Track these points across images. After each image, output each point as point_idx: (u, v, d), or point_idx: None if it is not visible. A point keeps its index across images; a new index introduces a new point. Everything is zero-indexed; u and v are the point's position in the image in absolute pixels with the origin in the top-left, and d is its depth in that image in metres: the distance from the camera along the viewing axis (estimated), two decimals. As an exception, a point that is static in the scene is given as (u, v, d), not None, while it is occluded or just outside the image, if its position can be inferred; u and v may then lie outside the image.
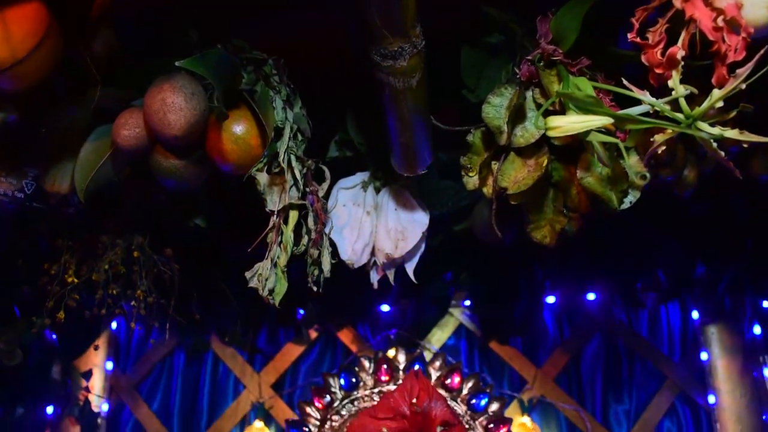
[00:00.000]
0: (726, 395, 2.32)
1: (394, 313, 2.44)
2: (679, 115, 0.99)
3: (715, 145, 1.03)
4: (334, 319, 2.38)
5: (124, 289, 1.69)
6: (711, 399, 2.33)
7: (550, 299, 2.43)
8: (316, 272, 1.25)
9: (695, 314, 2.43)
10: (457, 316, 2.44)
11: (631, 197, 1.22)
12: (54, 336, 2.37)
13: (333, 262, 1.26)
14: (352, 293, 2.26)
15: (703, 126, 0.98)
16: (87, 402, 2.36)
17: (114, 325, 2.51)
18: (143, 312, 1.65)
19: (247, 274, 1.21)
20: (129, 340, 2.55)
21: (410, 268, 1.48)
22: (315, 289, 1.24)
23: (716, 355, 2.37)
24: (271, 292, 1.19)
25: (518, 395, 2.34)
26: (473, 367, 2.39)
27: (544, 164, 1.17)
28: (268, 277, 1.17)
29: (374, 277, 1.49)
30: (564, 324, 2.47)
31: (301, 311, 2.38)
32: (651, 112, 1.02)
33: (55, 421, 2.41)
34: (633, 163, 1.21)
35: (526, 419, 2.26)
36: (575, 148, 1.20)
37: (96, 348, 1.78)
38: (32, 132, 1.38)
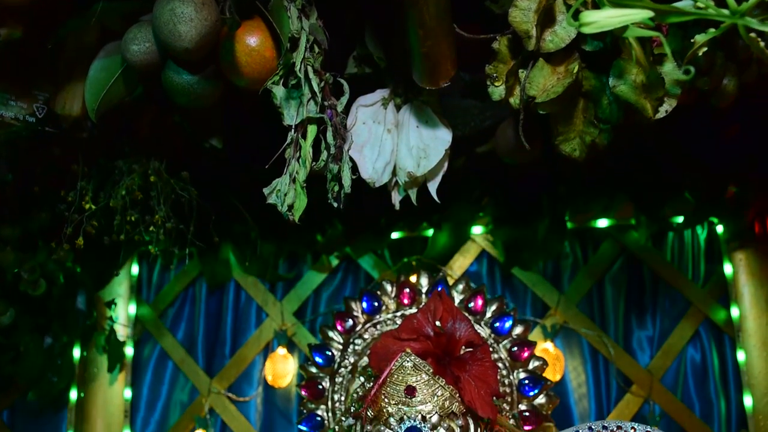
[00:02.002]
0: (752, 321, 2.28)
1: (415, 238, 2.41)
2: (725, 11, 0.92)
3: (762, 44, 0.96)
4: (355, 245, 2.36)
5: (142, 215, 1.68)
6: (736, 325, 2.29)
7: (574, 223, 2.38)
8: (336, 188, 1.21)
9: (723, 239, 2.37)
10: (479, 242, 2.40)
11: (667, 106, 1.15)
12: (77, 267, 2.39)
13: (353, 177, 1.22)
14: (373, 218, 2.23)
15: (751, 21, 0.91)
16: (112, 331, 2.38)
17: (136, 254, 2.52)
18: (162, 238, 1.64)
19: (266, 190, 1.17)
20: (151, 269, 2.56)
21: (433, 187, 1.43)
22: (336, 205, 1.21)
23: (743, 281, 2.32)
24: (291, 208, 1.15)
25: (541, 321, 2.32)
26: (495, 293, 2.37)
27: (575, 71, 1.11)
28: (287, 193, 1.14)
29: (396, 198, 1.45)
30: (587, 248, 2.43)
31: (321, 238, 2.36)
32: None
33: (82, 351, 2.45)
34: (670, 69, 1.14)
35: (548, 345, 2.25)
36: (607, 54, 1.13)
37: (116, 274, 1.78)
38: (39, 51, 1.34)
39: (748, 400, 2.23)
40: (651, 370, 2.31)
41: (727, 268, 2.33)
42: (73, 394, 2.45)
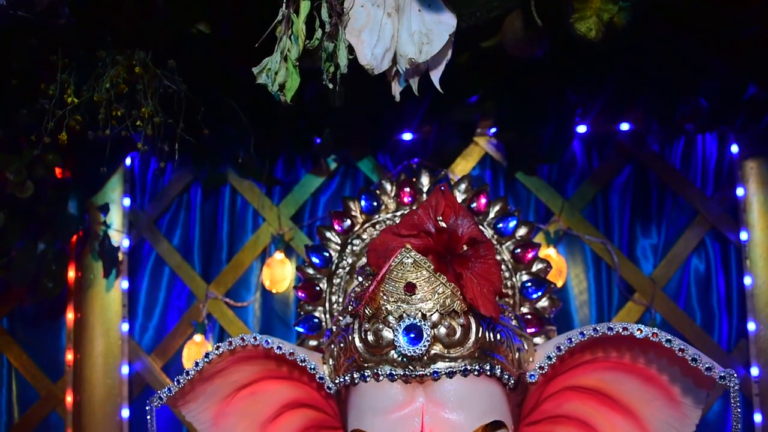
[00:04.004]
0: (759, 231, 2.25)
1: (416, 141, 2.33)
2: None
3: None
4: (354, 148, 2.27)
5: (129, 109, 1.59)
6: (743, 236, 2.25)
7: (581, 128, 2.29)
8: (331, 69, 1.12)
9: (734, 147, 2.30)
10: (482, 146, 2.33)
11: (696, -23, 1.05)
12: (67, 172, 2.33)
13: (350, 57, 1.13)
14: (372, 119, 2.14)
15: None
16: (106, 237, 2.34)
17: (128, 160, 2.45)
18: (150, 132, 1.55)
19: (255, 70, 1.08)
20: (144, 175, 2.49)
21: (436, 76, 1.33)
22: (331, 86, 1.12)
23: (753, 190, 2.27)
24: (282, 87, 1.06)
25: (544, 227, 2.28)
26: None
27: (596, -64, 1.01)
28: (277, 71, 1.05)
29: (396, 89, 1.36)
30: (594, 154, 2.35)
31: (318, 139, 2.28)
32: None
33: (77, 257, 2.41)
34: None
35: (551, 251, 2.21)
36: None
37: (103, 171, 1.70)
38: None
39: (750, 312, 2.22)
40: (654, 279, 2.29)
41: (737, 178, 2.27)
42: (70, 301, 2.43)
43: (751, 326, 2.21)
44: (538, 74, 1.99)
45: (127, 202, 2.43)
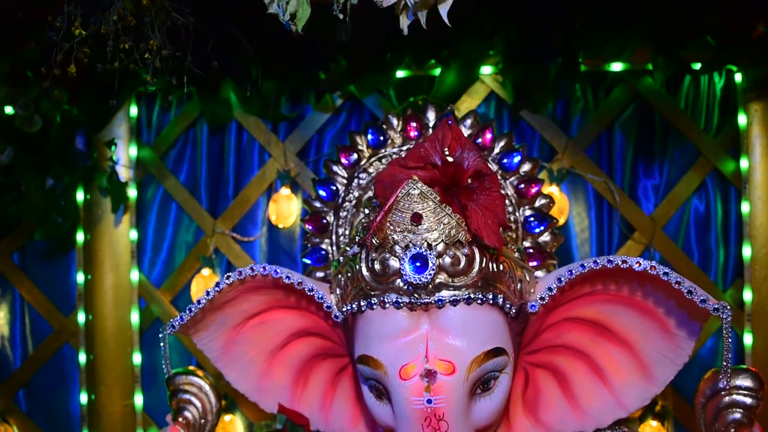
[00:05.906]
0: (761, 173, 2.26)
1: (422, 77, 2.32)
2: None
3: None
4: (360, 83, 2.26)
5: (136, 42, 1.58)
6: (744, 177, 2.26)
7: (588, 65, 2.27)
8: (341, -1, 1.12)
9: (740, 87, 2.28)
10: (487, 83, 2.31)
11: None
12: (74, 108, 2.32)
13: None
14: (378, 55, 2.13)
15: None
16: (114, 172, 2.36)
17: (134, 96, 2.44)
18: (159, 65, 1.56)
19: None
20: (150, 111, 2.49)
21: (444, 10, 1.33)
22: (341, 17, 1.12)
23: (756, 132, 2.27)
24: (293, 17, 1.07)
25: (547, 165, 2.29)
26: (502, 134, 2.32)
27: None
28: (288, 1, 1.05)
29: (404, 23, 1.35)
30: (599, 92, 2.34)
31: (324, 75, 2.26)
32: None
33: (85, 192, 2.44)
34: None
35: (554, 189, 2.23)
36: None
37: (112, 104, 1.70)
38: None
39: (746, 251, 2.26)
40: (654, 218, 2.31)
41: (741, 119, 2.28)
42: (80, 236, 2.47)
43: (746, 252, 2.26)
44: (545, 8, 1.97)
45: (133, 138, 2.44)
